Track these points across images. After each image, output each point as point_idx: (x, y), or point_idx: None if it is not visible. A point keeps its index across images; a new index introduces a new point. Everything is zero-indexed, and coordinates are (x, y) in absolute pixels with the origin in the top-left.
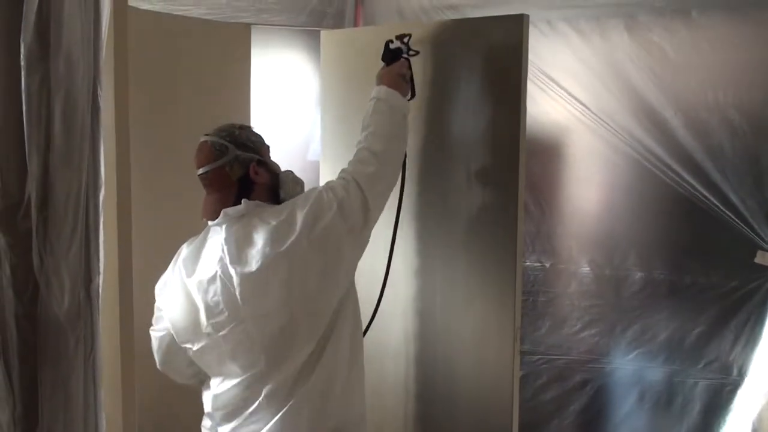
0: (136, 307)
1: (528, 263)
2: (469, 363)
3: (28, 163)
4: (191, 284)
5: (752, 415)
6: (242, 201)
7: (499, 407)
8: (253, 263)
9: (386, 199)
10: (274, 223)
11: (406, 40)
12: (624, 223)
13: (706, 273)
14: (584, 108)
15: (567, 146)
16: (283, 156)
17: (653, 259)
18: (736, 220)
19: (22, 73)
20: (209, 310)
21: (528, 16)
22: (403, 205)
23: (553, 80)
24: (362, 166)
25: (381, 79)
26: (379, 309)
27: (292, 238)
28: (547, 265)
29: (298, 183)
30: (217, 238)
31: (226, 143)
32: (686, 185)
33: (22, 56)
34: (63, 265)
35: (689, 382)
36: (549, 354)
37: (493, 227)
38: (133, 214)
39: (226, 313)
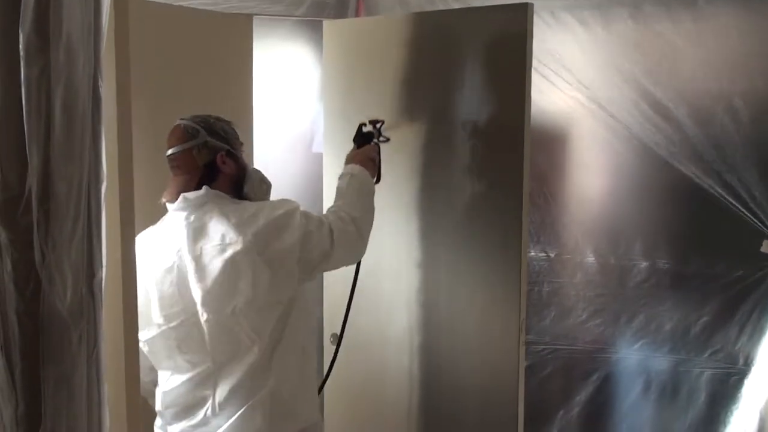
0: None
1: (533, 253)
2: (474, 353)
3: (28, 156)
4: (147, 273)
5: (759, 404)
6: (203, 187)
7: (505, 398)
8: (207, 258)
9: (344, 264)
10: (233, 220)
11: (378, 125)
12: (629, 213)
13: (711, 262)
14: (589, 97)
15: (572, 136)
16: (286, 148)
17: (658, 249)
18: (742, 209)
19: (21, 64)
20: (163, 300)
21: (532, 4)
22: (407, 193)
23: (557, 70)
24: (341, 222)
25: (353, 159)
26: (384, 299)
27: (246, 242)
28: (552, 255)
29: (265, 182)
30: (175, 226)
31: (198, 127)
32: (691, 174)
33: (21, 47)
34: (65, 259)
35: (695, 371)
36: (554, 344)
37: (497, 217)
38: (136, 208)
39: (181, 305)
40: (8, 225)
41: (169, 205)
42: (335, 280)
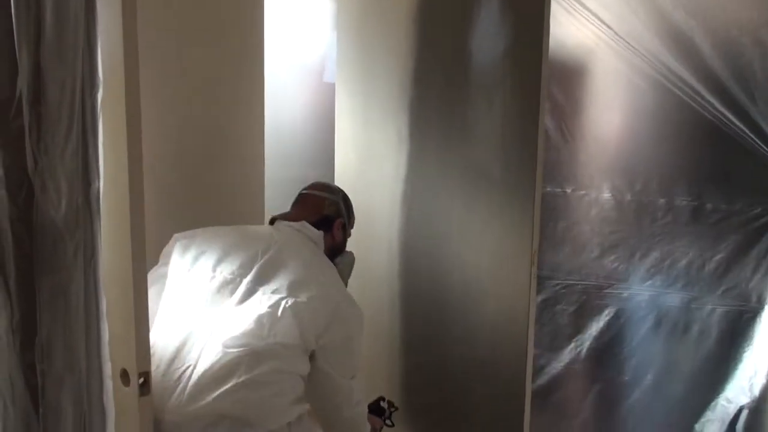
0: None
1: (548, 189)
2: (486, 286)
3: (17, 56)
4: (228, 243)
5: None
6: (322, 233)
7: (516, 331)
8: (290, 267)
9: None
10: (315, 291)
11: (392, 410)
12: (647, 149)
13: (729, 199)
14: (609, 29)
15: (591, 70)
16: (298, 77)
17: (676, 185)
18: (763, 145)
19: None
20: (232, 259)
21: None
22: (423, 123)
23: (578, 0)
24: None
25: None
26: (396, 230)
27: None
28: (568, 191)
29: (351, 270)
30: (286, 233)
31: (340, 191)
32: (712, 109)
33: None
34: (59, 167)
35: (707, 308)
36: (567, 280)
37: (512, 151)
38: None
39: (241, 268)
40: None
41: (283, 223)
42: None
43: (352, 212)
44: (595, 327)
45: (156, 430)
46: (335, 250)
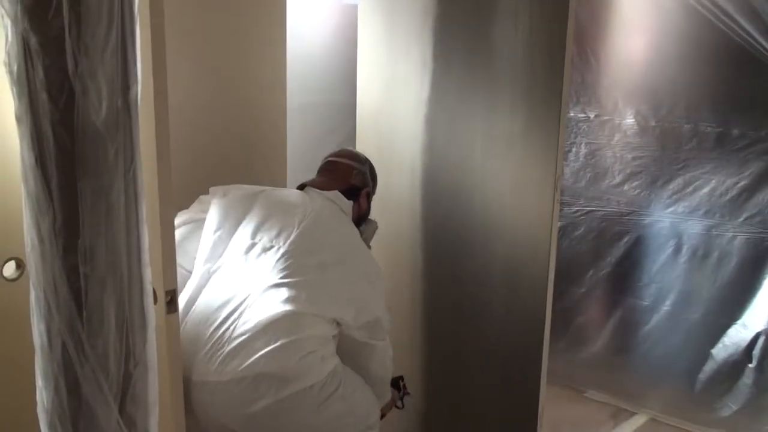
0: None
1: (571, 114)
2: (507, 210)
3: None
4: (263, 204)
5: None
6: (352, 202)
7: (537, 255)
8: (319, 233)
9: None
10: (352, 264)
11: (404, 392)
12: (673, 73)
13: (757, 125)
14: None
15: None
16: (321, 0)
17: (702, 111)
18: None
19: None
20: (255, 225)
21: None
22: (445, 49)
23: None
24: (389, 357)
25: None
26: (418, 155)
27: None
28: (591, 116)
29: (374, 234)
30: (317, 199)
31: (367, 160)
32: (741, 32)
33: None
34: (99, 69)
35: (727, 235)
36: (588, 206)
37: (538, 74)
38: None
39: (275, 233)
40: (38, 29)
41: (314, 191)
42: None
43: (377, 181)
44: (615, 253)
45: (197, 390)
46: (361, 218)
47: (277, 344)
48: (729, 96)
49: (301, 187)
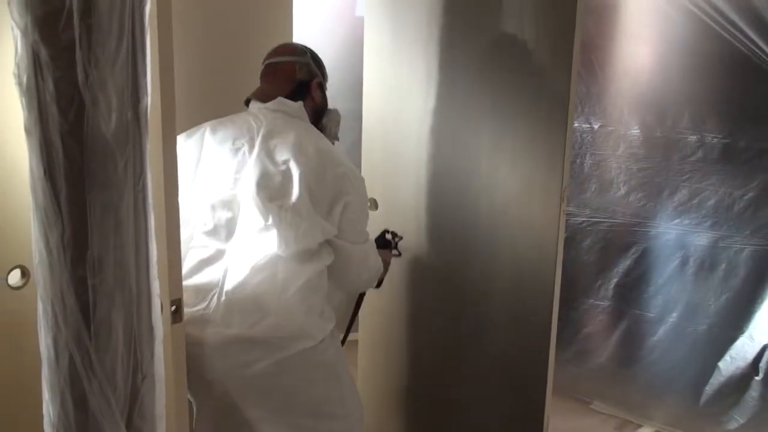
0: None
1: (576, 124)
2: (514, 221)
3: None
4: (212, 152)
5: None
6: (299, 102)
7: (543, 266)
8: (279, 158)
9: (349, 270)
10: (318, 144)
11: (396, 240)
12: (678, 83)
13: (763, 136)
14: None
15: (623, 1)
16: (330, 12)
17: (708, 121)
18: None
19: None
20: (219, 175)
21: None
22: (450, 60)
23: None
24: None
25: None
26: (424, 165)
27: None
28: (596, 126)
29: (339, 126)
30: (259, 118)
31: (306, 50)
32: (748, 42)
33: None
34: (109, 80)
35: (735, 247)
36: (594, 216)
37: (544, 84)
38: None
39: (234, 190)
40: (49, 40)
41: (256, 104)
42: None
43: (324, 66)
44: (621, 265)
45: (196, 353)
46: (319, 112)
47: (268, 309)
48: (735, 106)
49: (247, 102)
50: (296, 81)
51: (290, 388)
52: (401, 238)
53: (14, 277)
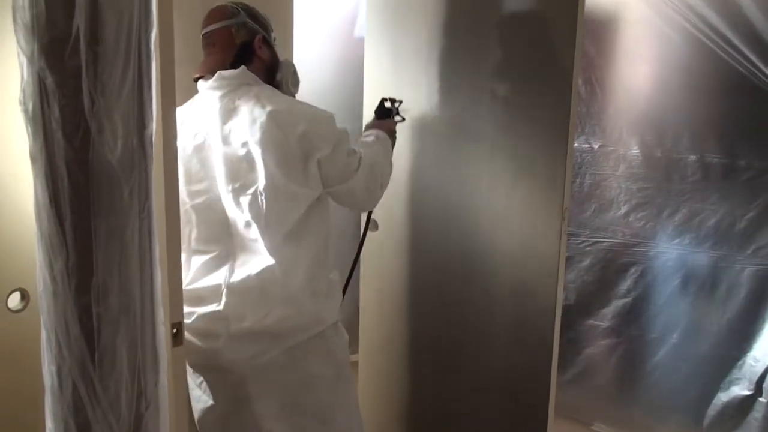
0: None
1: (576, 144)
2: (515, 242)
3: None
4: (186, 149)
5: None
6: (241, 67)
7: (544, 286)
8: (234, 138)
9: (351, 201)
10: (269, 108)
11: (396, 105)
12: (678, 104)
13: (763, 156)
14: None
15: (622, 21)
16: (328, 32)
17: (707, 142)
18: None
19: None
20: (189, 176)
21: None
22: (452, 80)
23: None
24: (369, 160)
25: (378, 127)
26: (424, 185)
27: (280, 141)
28: (596, 146)
29: (296, 75)
30: (208, 104)
31: (238, 8)
32: (746, 62)
33: None
34: (115, 108)
35: (736, 267)
36: (594, 237)
37: (544, 104)
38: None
39: (206, 183)
40: (55, 68)
41: (202, 83)
42: None
43: (263, 18)
44: (622, 285)
45: (213, 346)
46: (272, 68)
47: (273, 302)
48: (735, 126)
49: (196, 80)
50: (237, 45)
51: (298, 384)
52: (401, 102)
53: (14, 300)
